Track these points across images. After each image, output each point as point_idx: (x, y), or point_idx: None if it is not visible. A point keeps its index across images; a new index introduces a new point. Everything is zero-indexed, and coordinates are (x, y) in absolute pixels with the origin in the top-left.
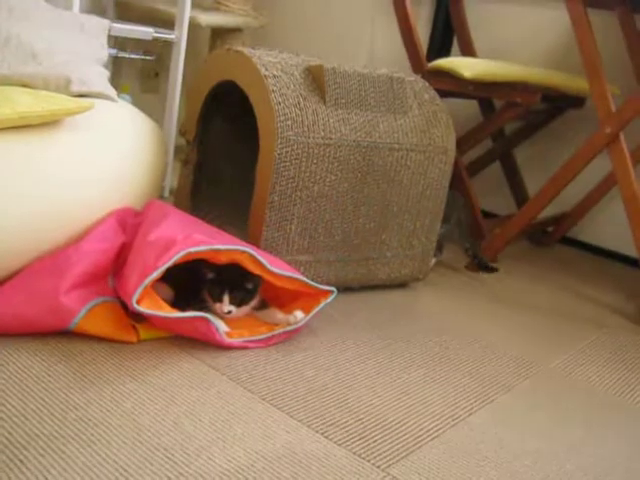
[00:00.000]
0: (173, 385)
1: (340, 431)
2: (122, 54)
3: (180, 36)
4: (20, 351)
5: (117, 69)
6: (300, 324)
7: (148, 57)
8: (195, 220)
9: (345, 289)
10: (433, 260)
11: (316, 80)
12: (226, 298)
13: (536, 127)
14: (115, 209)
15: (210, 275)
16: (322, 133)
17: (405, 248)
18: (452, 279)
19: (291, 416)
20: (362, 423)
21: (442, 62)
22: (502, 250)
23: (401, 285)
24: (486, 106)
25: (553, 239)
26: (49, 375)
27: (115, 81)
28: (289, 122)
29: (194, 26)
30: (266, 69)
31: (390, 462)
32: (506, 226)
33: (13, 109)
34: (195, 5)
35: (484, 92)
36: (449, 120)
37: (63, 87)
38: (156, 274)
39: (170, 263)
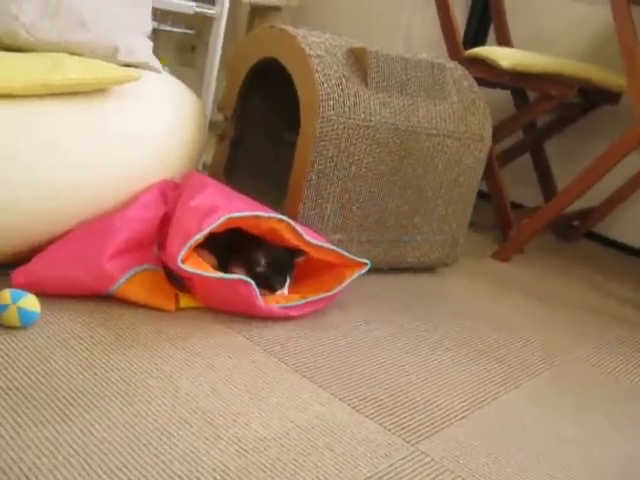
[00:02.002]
0: (210, 353)
1: (371, 406)
2: (163, 26)
3: (221, 11)
4: (63, 312)
5: (154, 41)
6: (333, 292)
7: (189, 31)
8: (233, 191)
9: (374, 270)
10: None
11: (359, 62)
12: (287, 284)
13: (568, 121)
14: (157, 180)
15: (261, 268)
16: (362, 115)
17: (436, 233)
18: (478, 267)
19: (324, 388)
20: (392, 400)
21: (480, 50)
22: (529, 241)
23: (428, 269)
24: (520, 97)
25: (579, 233)
26: (91, 337)
27: (153, 53)
28: (331, 102)
29: (234, 2)
30: (310, 48)
31: (419, 438)
32: (534, 218)
33: (64, 75)
34: None
35: (520, 83)
36: (486, 108)
37: (111, 55)
38: (200, 236)
39: (213, 226)
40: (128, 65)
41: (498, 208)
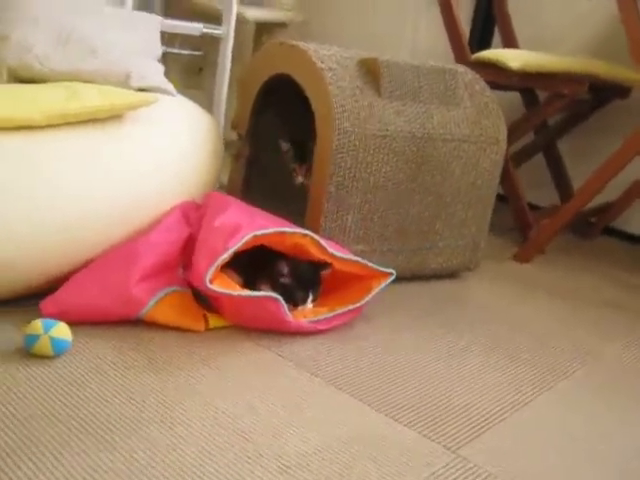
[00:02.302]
0: (243, 371)
1: (408, 414)
2: (171, 49)
3: (228, 31)
4: (94, 338)
5: (163, 65)
6: (361, 304)
7: (197, 53)
8: (255, 209)
9: (397, 279)
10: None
11: (370, 73)
12: (310, 298)
13: (579, 118)
14: (179, 202)
15: (285, 279)
16: (378, 125)
17: (457, 238)
18: (500, 269)
19: (359, 399)
20: (429, 407)
21: (487, 53)
22: (550, 241)
23: (451, 275)
24: (529, 98)
25: (597, 230)
26: (123, 361)
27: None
28: (346, 114)
29: (239, 21)
30: (322, 62)
31: (459, 444)
32: (554, 217)
33: (81, 103)
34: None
35: (530, 83)
36: (499, 111)
37: (123, 81)
38: (226, 255)
39: (239, 245)
40: (141, 90)
41: (516, 210)
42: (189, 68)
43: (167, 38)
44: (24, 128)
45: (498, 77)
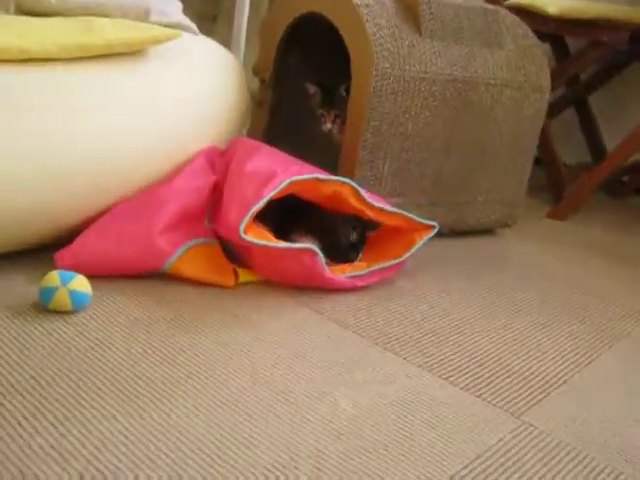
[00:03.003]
0: (280, 328)
1: (464, 377)
2: None
3: None
4: (114, 293)
5: None
6: (403, 259)
7: None
8: (286, 155)
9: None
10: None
11: (409, 10)
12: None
13: (615, 71)
14: (203, 148)
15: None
16: (418, 66)
17: (496, 192)
18: (537, 227)
19: (408, 361)
20: (484, 369)
21: None
22: (588, 200)
23: (488, 231)
24: (560, 48)
25: (629, 189)
26: (149, 317)
27: None
28: (385, 53)
29: None
30: None
31: (522, 409)
32: (592, 175)
33: (101, 36)
34: None
35: (567, 31)
36: (544, 56)
37: (142, 17)
38: (262, 203)
39: (275, 192)
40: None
41: (549, 167)
42: (202, 15)
43: None
44: (40, 60)
45: (533, 23)
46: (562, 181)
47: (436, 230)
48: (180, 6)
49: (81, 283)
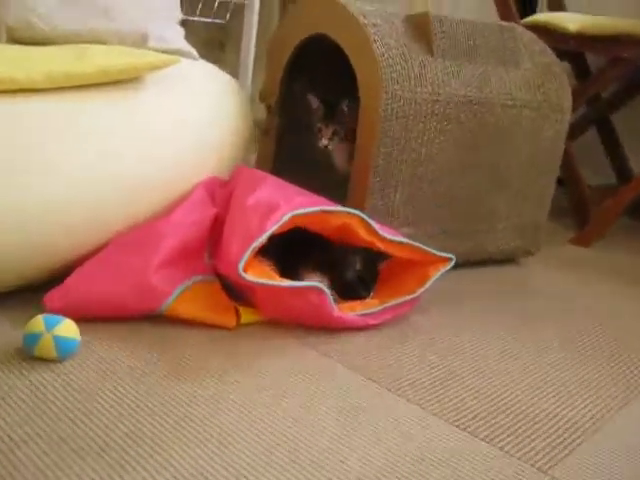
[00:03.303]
0: (284, 374)
1: (483, 425)
2: (191, 17)
3: None
4: (106, 337)
5: None
6: (418, 294)
7: (219, 21)
8: (292, 185)
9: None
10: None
11: (420, 29)
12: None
13: (637, 88)
14: (203, 179)
15: (354, 274)
16: (430, 88)
17: (515, 217)
18: (561, 254)
19: (423, 408)
20: (506, 416)
21: (539, 16)
22: (613, 224)
23: (510, 260)
24: (580, 67)
25: None
26: (142, 366)
27: None
28: (394, 74)
29: None
30: (364, 17)
31: (550, 462)
32: (616, 199)
33: (93, 63)
34: None
35: (587, 47)
36: (563, 75)
37: (140, 43)
38: (264, 237)
39: (277, 226)
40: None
41: (572, 189)
42: (210, 42)
43: (187, 6)
44: (26, 90)
45: (552, 41)
46: (586, 204)
47: (453, 263)
48: (181, 31)
49: (67, 328)
